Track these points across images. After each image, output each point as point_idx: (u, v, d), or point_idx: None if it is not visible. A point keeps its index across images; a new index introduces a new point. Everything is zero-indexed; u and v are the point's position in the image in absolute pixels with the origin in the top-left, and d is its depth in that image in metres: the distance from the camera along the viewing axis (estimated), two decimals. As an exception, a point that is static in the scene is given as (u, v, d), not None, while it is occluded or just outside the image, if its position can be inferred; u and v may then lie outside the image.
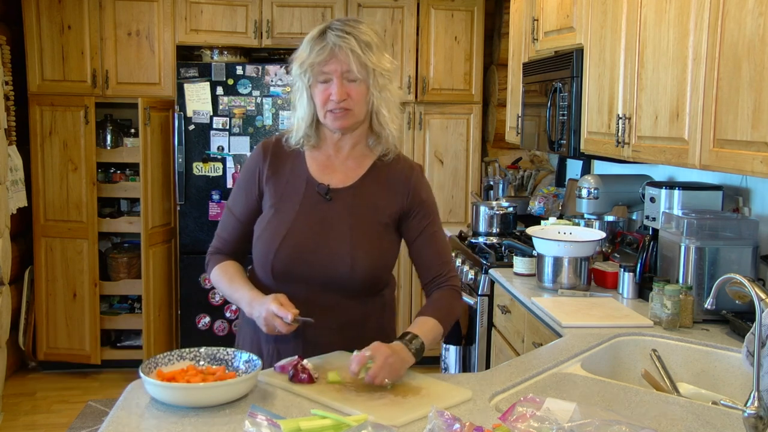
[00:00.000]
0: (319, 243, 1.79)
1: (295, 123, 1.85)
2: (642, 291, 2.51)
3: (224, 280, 1.85)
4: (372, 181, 1.85)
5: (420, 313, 1.82)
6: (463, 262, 3.40)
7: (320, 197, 1.83)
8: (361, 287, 1.81)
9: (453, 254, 3.62)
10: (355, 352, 1.61)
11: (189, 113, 4.42)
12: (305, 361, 1.64)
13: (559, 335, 2.17)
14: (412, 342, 1.67)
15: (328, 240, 1.79)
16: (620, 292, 2.57)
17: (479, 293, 3.12)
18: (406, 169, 1.88)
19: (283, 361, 1.67)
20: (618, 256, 2.92)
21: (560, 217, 3.55)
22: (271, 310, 1.67)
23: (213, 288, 4.47)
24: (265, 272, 1.84)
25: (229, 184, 4.46)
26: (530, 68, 3.61)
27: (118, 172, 4.69)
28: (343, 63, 1.72)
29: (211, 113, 4.44)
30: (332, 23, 1.76)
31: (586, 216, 3.18)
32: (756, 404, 1.38)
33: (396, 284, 2.05)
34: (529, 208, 4.11)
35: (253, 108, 4.45)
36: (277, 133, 1.98)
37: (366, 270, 1.79)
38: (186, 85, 4.40)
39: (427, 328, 1.75)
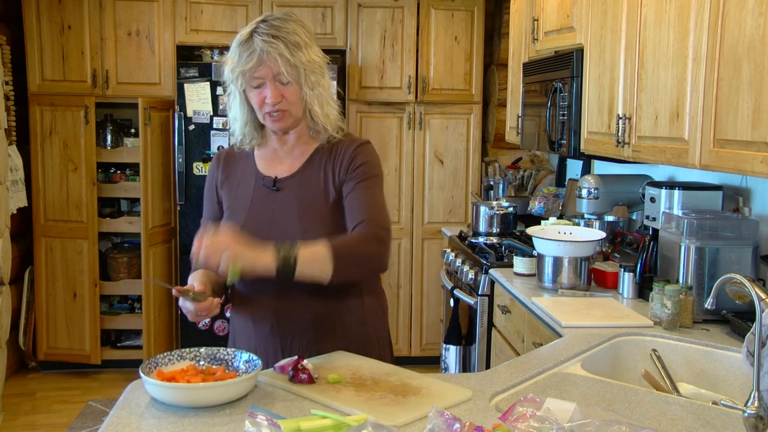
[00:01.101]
0: (269, 234, 1.79)
1: (231, 123, 1.89)
2: (642, 291, 2.51)
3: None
4: (316, 164, 1.86)
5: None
6: (463, 262, 3.40)
7: (268, 190, 1.85)
8: None
9: (451, 251, 3.63)
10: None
11: (189, 113, 4.42)
12: (305, 361, 1.64)
13: (559, 335, 2.17)
14: (283, 246, 1.62)
15: (278, 230, 1.80)
16: (620, 292, 2.57)
17: (479, 293, 3.12)
18: (347, 143, 1.86)
19: (282, 361, 1.67)
20: (618, 256, 2.92)
21: (560, 217, 3.55)
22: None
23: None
24: None
25: (229, 184, 4.46)
26: (530, 68, 3.61)
27: (118, 172, 4.69)
28: (273, 68, 1.73)
29: (211, 113, 4.44)
30: (258, 26, 1.74)
31: (586, 216, 3.18)
32: (756, 404, 1.38)
33: (379, 282, 2.01)
34: (529, 208, 4.11)
35: (253, 108, 4.45)
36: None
37: None
38: (186, 85, 4.41)
39: (312, 248, 1.66)
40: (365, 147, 1.87)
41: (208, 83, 4.41)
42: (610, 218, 3.15)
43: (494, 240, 3.48)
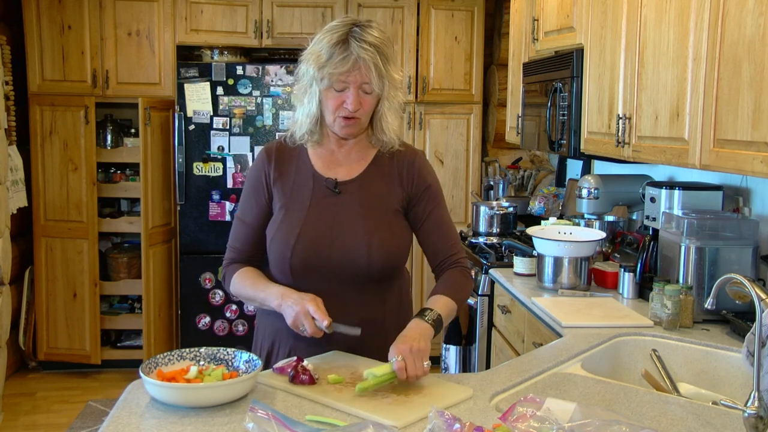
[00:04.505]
0: (334, 235, 1.80)
1: (299, 118, 1.86)
2: (642, 291, 2.51)
3: (247, 284, 1.84)
4: (376, 172, 1.88)
5: (432, 292, 1.86)
6: (463, 262, 3.40)
7: (329, 191, 1.85)
8: (379, 276, 1.83)
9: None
10: (392, 360, 1.59)
11: (189, 113, 4.42)
12: (305, 362, 1.63)
13: (559, 335, 2.17)
14: (426, 314, 1.73)
15: (342, 232, 1.81)
16: (620, 292, 2.57)
17: (479, 293, 3.12)
18: (408, 155, 1.92)
19: (281, 363, 1.67)
20: (618, 256, 2.92)
21: (560, 217, 3.55)
22: (307, 309, 1.67)
23: (213, 288, 4.47)
24: (283, 272, 1.83)
25: (230, 184, 4.46)
26: (530, 68, 3.61)
27: (118, 172, 4.69)
28: (364, 75, 1.75)
29: (212, 113, 4.44)
30: (353, 30, 1.75)
31: (586, 216, 3.18)
32: (756, 404, 1.38)
33: (409, 278, 2.07)
34: (529, 208, 4.11)
35: (254, 108, 4.45)
36: (276, 138, 1.99)
37: (382, 257, 1.81)
38: (186, 85, 4.40)
39: (440, 303, 1.80)
40: (426, 161, 1.96)
41: (208, 83, 4.41)
42: (610, 218, 3.15)
43: (494, 240, 3.48)
